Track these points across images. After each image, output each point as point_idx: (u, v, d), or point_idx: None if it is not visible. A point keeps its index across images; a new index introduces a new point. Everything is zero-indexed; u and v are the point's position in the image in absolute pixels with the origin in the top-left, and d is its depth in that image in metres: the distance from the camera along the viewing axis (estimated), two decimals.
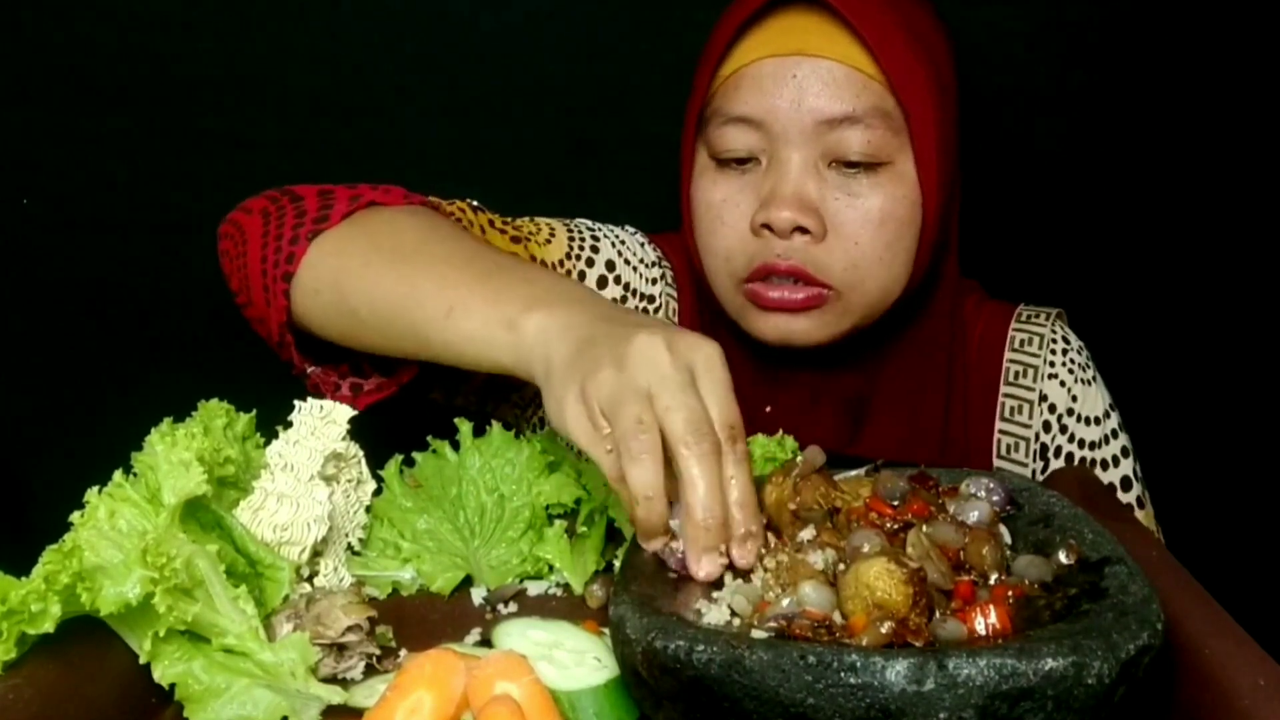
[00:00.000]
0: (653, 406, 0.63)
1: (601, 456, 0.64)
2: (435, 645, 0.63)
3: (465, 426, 0.82)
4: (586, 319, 0.70)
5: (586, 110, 1.33)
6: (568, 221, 1.06)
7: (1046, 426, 1.06)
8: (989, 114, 1.32)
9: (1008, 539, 0.64)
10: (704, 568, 0.62)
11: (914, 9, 0.95)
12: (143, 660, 0.60)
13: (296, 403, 0.76)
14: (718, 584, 0.62)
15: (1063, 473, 0.94)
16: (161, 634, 0.59)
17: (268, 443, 0.76)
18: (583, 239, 1.04)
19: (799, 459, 0.69)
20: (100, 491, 0.65)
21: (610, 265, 1.04)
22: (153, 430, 0.68)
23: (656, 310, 1.07)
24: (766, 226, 0.92)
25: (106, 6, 1.28)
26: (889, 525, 0.62)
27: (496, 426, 0.82)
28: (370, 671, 0.65)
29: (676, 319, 1.08)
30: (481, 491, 0.81)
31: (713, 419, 0.64)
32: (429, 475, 0.81)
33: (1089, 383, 1.07)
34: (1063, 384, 1.06)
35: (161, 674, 0.60)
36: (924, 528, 0.61)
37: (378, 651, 0.66)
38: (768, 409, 0.91)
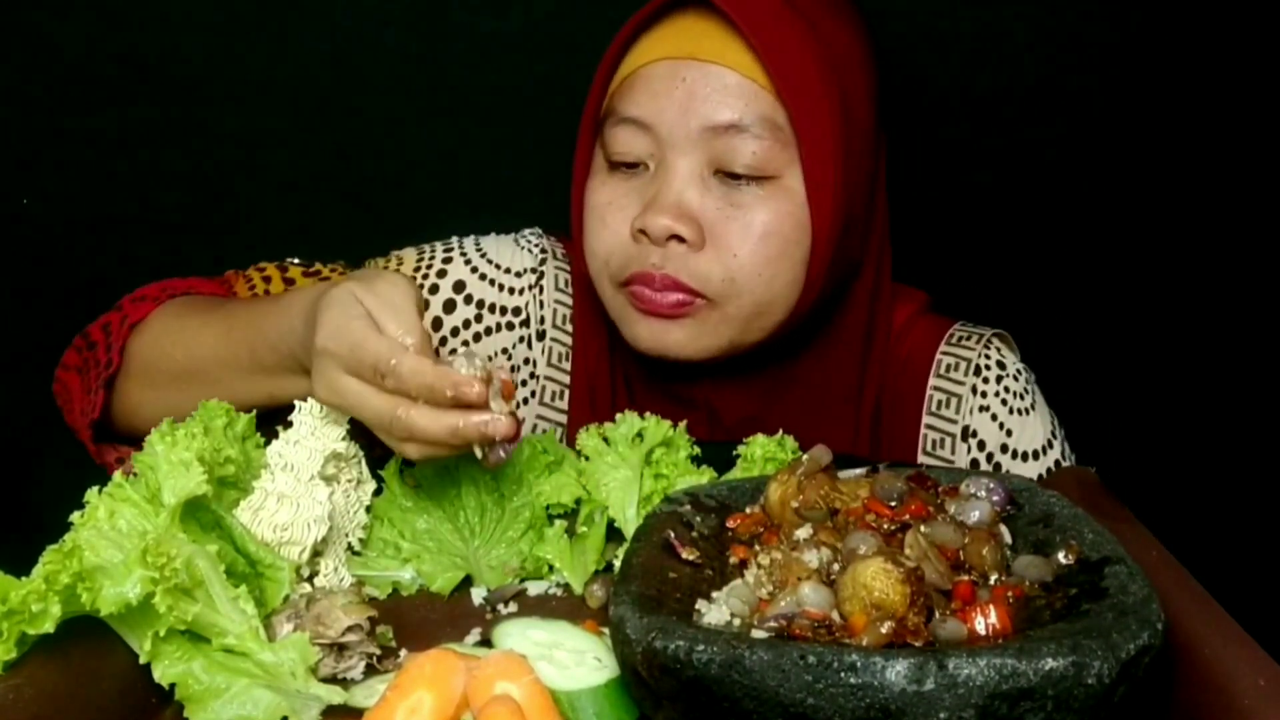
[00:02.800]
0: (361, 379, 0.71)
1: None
2: (435, 645, 0.63)
3: None
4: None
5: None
6: (424, 246, 1.04)
7: (974, 465, 0.99)
8: (985, 115, 1.32)
9: (1008, 539, 0.64)
10: (494, 458, 0.71)
11: (826, 18, 0.91)
12: (143, 660, 0.60)
13: (297, 402, 0.76)
14: (718, 584, 0.62)
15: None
16: (161, 634, 0.59)
17: (268, 442, 0.76)
18: (430, 263, 1.02)
19: (804, 459, 0.69)
20: (100, 492, 0.65)
21: (459, 286, 1.01)
22: (152, 430, 0.68)
23: (524, 322, 1.03)
24: (643, 232, 0.90)
25: (106, 6, 1.28)
26: (886, 526, 0.62)
27: None
28: (370, 671, 0.65)
29: (569, 325, 1.04)
30: (481, 491, 0.81)
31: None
32: (429, 475, 0.81)
33: (1025, 412, 1.00)
34: (994, 417, 0.99)
35: (161, 674, 0.60)
36: (922, 528, 0.61)
37: (378, 651, 0.66)
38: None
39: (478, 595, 0.75)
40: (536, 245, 1.05)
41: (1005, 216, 1.36)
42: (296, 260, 1.01)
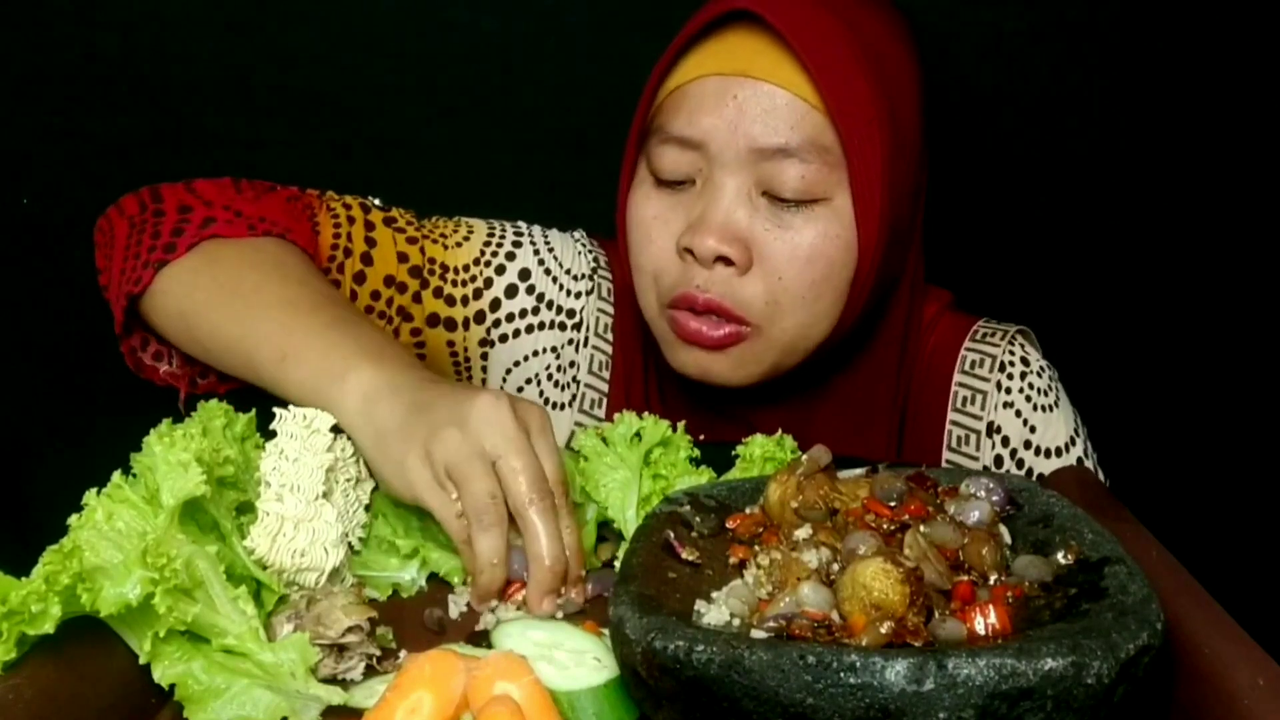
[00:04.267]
0: (496, 468, 0.70)
1: (451, 520, 0.71)
2: (435, 645, 0.63)
3: None
4: (411, 381, 0.75)
5: (586, 111, 1.33)
6: (495, 223, 1.04)
7: (998, 461, 0.99)
8: (986, 115, 1.32)
9: (1008, 539, 0.64)
10: (545, 607, 0.71)
11: (877, 35, 0.89)
12: (143, 660, 0.60)
13: (277, 410, 0.74)
14: (717, 584, 0.62)
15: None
16: (161, 634, 0.59)
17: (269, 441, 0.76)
18: (500, 243, 1.02)
19: (803, 459, 0.69)
20: (99, 493, 0.64)
21: (524, 274, 1.02)
22: (151, 431, 0.68)
23: (576, 326, 1.04)
24: (690, 251, 0.89)
25: (107, 6, 1.28)
26: (886, 526, 0.62)
27: None
28: (370, 672, 0.65)
29: (609, 335, 1.04)
30: None
31: (547, 475, 0.71)
32: None
33: (1050, 409, 1.00)
34: (1018, 413, 0.99)
35: (161, 674, 0.60)
36: (922, 528, 0.61)
37: (378, 652, 0.66)
38: (702, 437, 0.87)
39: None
40: (590, 252, 1.06)
41: (1018, 216, 1.36)
42: (377, 202, 1.01)
